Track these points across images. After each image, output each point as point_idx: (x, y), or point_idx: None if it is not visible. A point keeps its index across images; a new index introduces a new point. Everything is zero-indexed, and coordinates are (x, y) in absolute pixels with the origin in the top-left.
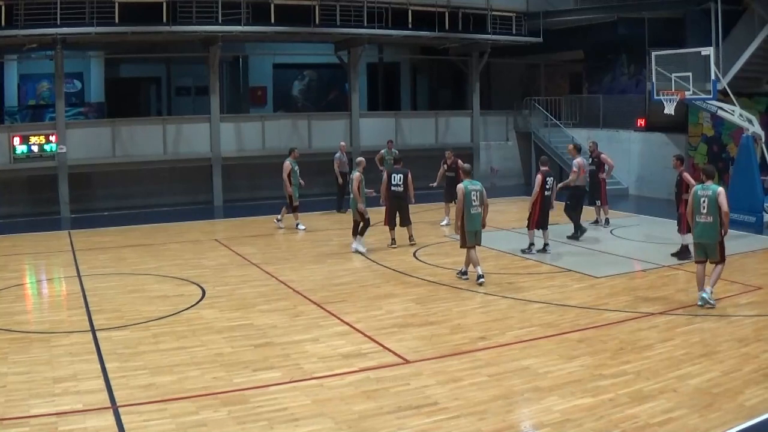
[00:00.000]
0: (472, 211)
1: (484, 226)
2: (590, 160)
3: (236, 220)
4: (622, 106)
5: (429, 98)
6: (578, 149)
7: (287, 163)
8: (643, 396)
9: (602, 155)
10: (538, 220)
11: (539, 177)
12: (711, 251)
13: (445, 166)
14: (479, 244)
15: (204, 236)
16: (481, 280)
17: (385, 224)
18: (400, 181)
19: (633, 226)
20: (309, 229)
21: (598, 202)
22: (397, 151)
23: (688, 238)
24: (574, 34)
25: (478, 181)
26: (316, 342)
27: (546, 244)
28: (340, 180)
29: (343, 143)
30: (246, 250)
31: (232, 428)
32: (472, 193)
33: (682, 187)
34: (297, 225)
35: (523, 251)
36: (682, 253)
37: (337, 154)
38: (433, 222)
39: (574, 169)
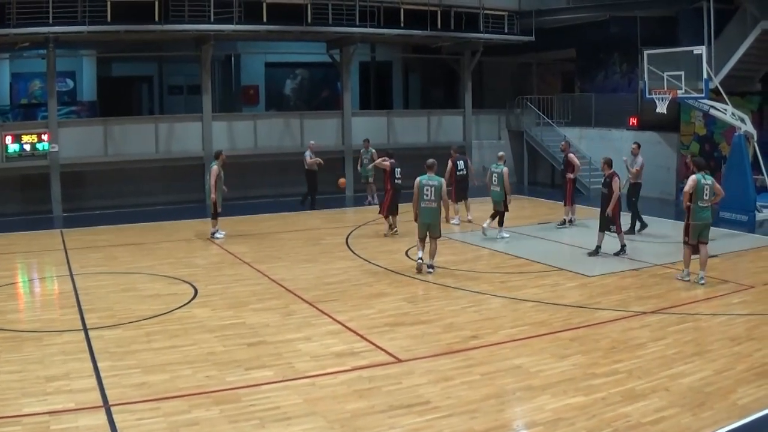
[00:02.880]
0: (422, 205)
1: (447, 220)
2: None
3: (228, 219)
4: (614, 105)
5: (421, 97)
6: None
7: (215, 168)
8: (636, 395)
9: (570, 155)
10: (455, 194)
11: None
12: (707, 233)
13: (451, 163)
14: (433, 237)
15: (196, 235)
16: (430, 270)
17: (382, 213)
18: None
19: (625, 224)
20: (302, 228)
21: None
22: (374, 150)
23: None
24: (566, 33)
25: (438, 177)
26: (308, 341)
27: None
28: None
29: (312, 142)
30: (238, 249)
31: (225, 427)
32: (426, 188)
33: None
34: (213, 233)
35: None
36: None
37: (307, 153)
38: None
39: (637, 167)
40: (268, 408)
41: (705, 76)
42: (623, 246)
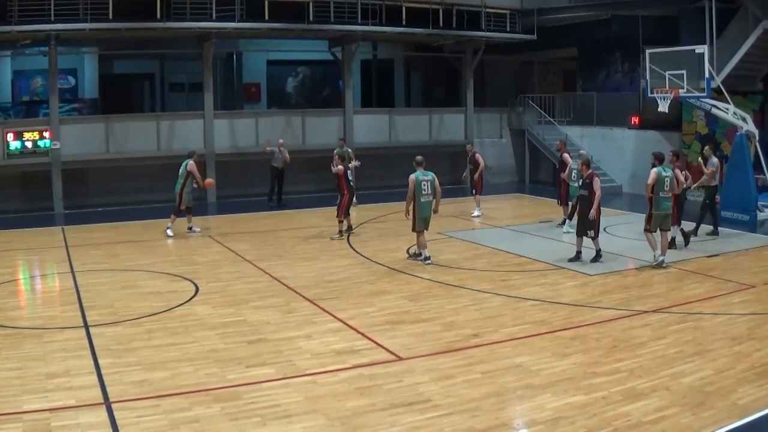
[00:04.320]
0: (422, 200)
1: (435, 212)
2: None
3: (229, 217)
4: (616, 104)
5: (423, 95)
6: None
7: (192, 162)
8: (636, 394)
9: (564, 155)
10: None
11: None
12: (668, 222)
13: (480, 158)
14: (427, 229)
15: (200, 231)
16: (429, 261)
17: (339, 217)
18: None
19: (626, 223)
20: (303, 226)
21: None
22: (350, 150)
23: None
24: (568, 32)
25: (430, 172)
26: (309, 339)
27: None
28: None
29: (281, 140)
30: (239, 247)
31: (225, 424)
32: (423, 183)
33: (673, 183)
34: (167, 228)
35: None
36: (687, 239)
37: (275, 149)
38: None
39: (712, 168)
40: (268, 405)
41: (707, 75)
42: (598, 252)
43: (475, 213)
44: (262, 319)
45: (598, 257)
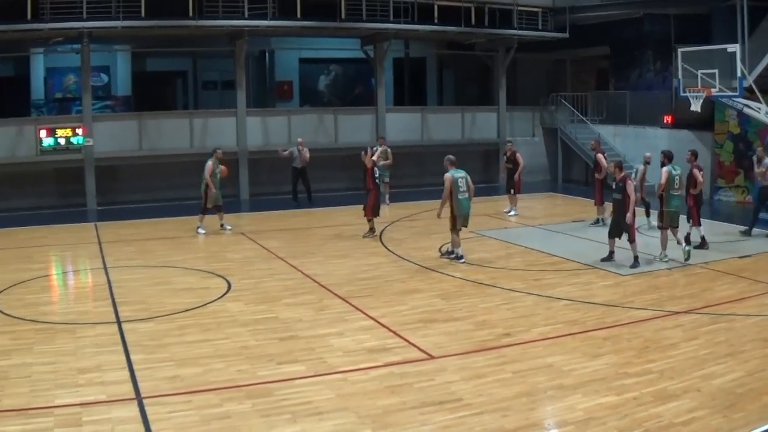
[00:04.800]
0: (459, 197)
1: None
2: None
3: (262, 214)
4: (648, 103)
5: (455, 93)
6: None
7: (210, 164)
8: (667, 395)
9: (599, 154)
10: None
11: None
12: (678, 219)
13: (505, 157)
14: (466, 227)
15: (232, 228)
16: (462, 260)
17: (368, 215)
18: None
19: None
20: (335, 224)
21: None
22: (389, 149)
23: (702, 230)
24: (601, 30)
25: (462, 170)
26: (340, 336)
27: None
28: (284, 154)
29: (300, 140)
30: (272, 244)
31: (256, 421)
32: (459, 180)
33: (691, 181)
34: (198, 227)
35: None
36: (702, 245)
37: (294, 149)
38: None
39: (763, 168)
40: (299, 402)
41: (739, 74)
42: (636, 258)
43: (511, 212)
44: (294, 316)
45: (636, 263)
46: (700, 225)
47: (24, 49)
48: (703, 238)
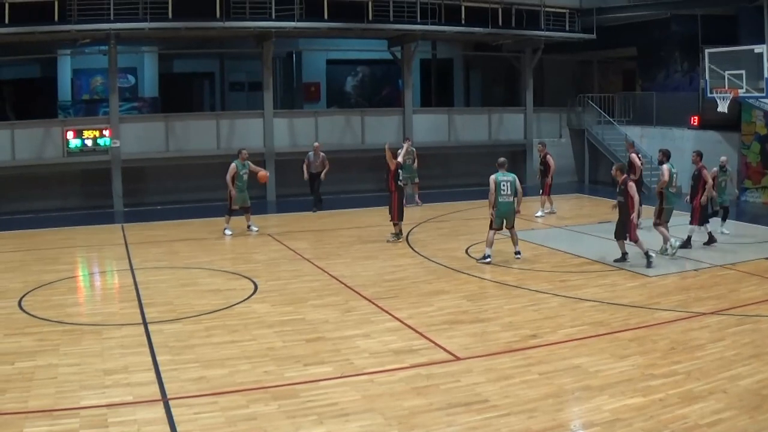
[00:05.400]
0: (500, 199)
1: (518, 212)
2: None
3: (288, 215)
4: (675, 104)
5: (482, 94)
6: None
7: (233, 165)
8: (693, 396)
9: (632, 155)
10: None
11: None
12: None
13: (551, 157)
14: (508, 227)
15: (258, 230)
16: (488, 261)
17: (393, 219)
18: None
19: (686, 224)
20: (362, 225)
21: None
22: (414, 149)
23: (699, 229)
24: (628, 31)
25: (512, 173)
26: (367, 337)
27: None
28: (306, 177)
29: (317, 143)
30: (298, 245)
31: (282, 422)
32: (503, 183)
33: (699, 181)
34: (225, 229)
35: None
36: (686, 244)
37: (310, 153)
38: (488, 218)
39: None
40: (326, 404)
41: (766, 74)
42: (646, 253)
43: (539, 213)
44: (321, 317)
45: (648, 259)
46: (701, 225)
47: (51, 51)
48: (689, 238)
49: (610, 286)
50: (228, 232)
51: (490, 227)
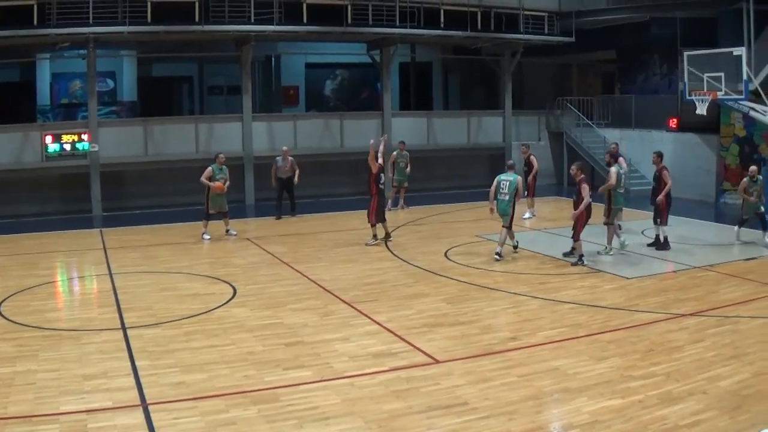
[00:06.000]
0: (498, 197)
1: (513, 211)
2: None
3: (267, 219)
4: (654, 106)
5: (461, 98)
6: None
7: (209, 169)
8: (673, 398)
9: (620, 158)
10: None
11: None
12: (621, 215)
13: (534, 160)
14: (505, 226)
15: (237, 234)
16: (497, 257)
17: (371, 221)
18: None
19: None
20: (341, 229)
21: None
22: (408, 153)
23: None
24: (607, 34)
25: (515, 174)
26: (346, 341)
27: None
28: (275, 183)
29: (285, 148)
30: (277, 249)
31: (262, 427)
32: (503, 182)
33: (660, 182)
34: (203, 233)
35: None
36: (664, 245)
37: (278, 158)
38: (467, 221)
39: None
40: (306, 408)
41: (745, 77)
42: (581, 256)
43: (527, 215)
44: (300, 321)
45: (580, 261)
46: (667, 225)
47: (30, 55)
48: (665, 239)
49: (590, 288)
50: (206, 236)
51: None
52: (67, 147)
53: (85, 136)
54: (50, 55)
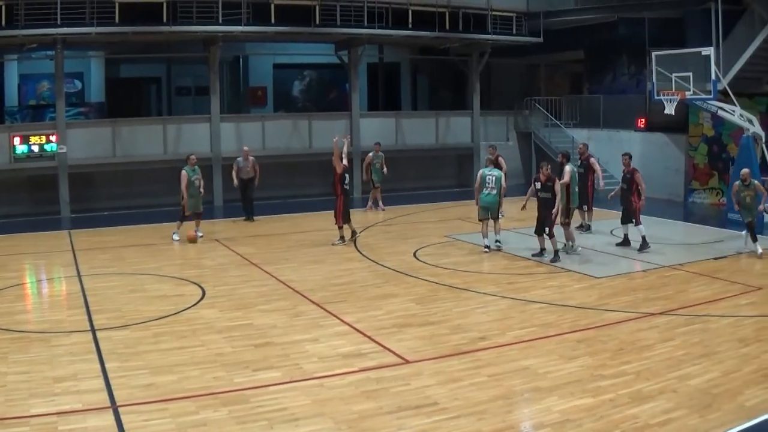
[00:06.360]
0: (484, 191)
1: (500, 205)
2: (579, 162)
3: (236, 220)
4: (622, 106)
5: (429, 98)
6: (567, 157)
7: (184, 173)
8: (643, 396)
9: (591, 159)
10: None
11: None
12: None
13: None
14: (493, 219)
15: (204, 236)
16: (485, 249)
17: (338, 222)
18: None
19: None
20: (309, 230)
21: (585, 207)
22: (382, 154)
23: (643, 230)
24: (575, 34)
25: (497, 170)
26: (316, 342)
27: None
28: (237, 184)
29: (246, 148)
30: (246, 250)
31: (232, 428)
32: (487, 177)
33: (632, 184)
34: (174, 233)
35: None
36: (644, 245)
37: (240, 159)
38: (436, 221)
39: None
40: (275, 409)
41: (713, 77)
42: (556, 252)
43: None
44: (269, 322)
45: (556, 256)
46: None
47: None
48: (644, 238)
49: (559, 288)
50: (175, 237)
51: (479, 219)
52: (35, 148)
53: (53, 138)
54: (18, 57)
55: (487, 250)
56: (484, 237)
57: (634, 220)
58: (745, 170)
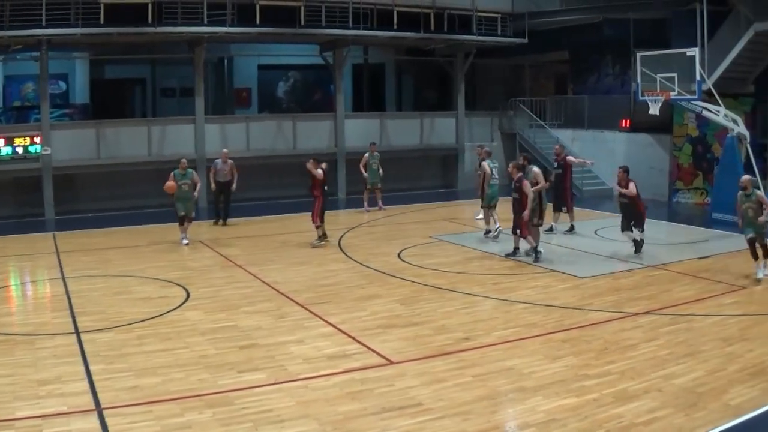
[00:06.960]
0: (492, 182)
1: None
2: (555, 164)
3: (208, 222)
4: (606, 107)
5: (414, 99)
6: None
7: (171, 176)
8: (628, 396)
9: (569, 157)
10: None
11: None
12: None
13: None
14: (493, 207)
15: (190, 243)
16: (489, 235)
17: (315, 222)
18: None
19: (617, 226)
20: (294, 231)
21: (564, 209)
22: (378, 154)
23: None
24: (560, 35)
25: (495, 161)
26: (300, 343)
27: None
28: (214, 187)
29: (225, 150)
30: (230, 252)
31: (217, 430)
32: (494, 169)
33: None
34: (182, 238)
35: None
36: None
37: (218, 161)
38: (420, 222)
39: None
40: (260, 411)
41: (698, 77)
42: (536, 249)
43: (479, 216)
44: (254, 324)
45: (536, 255)
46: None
47: None
48: (642, 240)
49: (543, 288)
50: (185, 240)
51: (482, 205)
52: (20, 150)
53: (37, 139)
54: (2, 58)
55: (496, 233)
56: (496, 222)
57: (641, 228)
58: (745, 177)
